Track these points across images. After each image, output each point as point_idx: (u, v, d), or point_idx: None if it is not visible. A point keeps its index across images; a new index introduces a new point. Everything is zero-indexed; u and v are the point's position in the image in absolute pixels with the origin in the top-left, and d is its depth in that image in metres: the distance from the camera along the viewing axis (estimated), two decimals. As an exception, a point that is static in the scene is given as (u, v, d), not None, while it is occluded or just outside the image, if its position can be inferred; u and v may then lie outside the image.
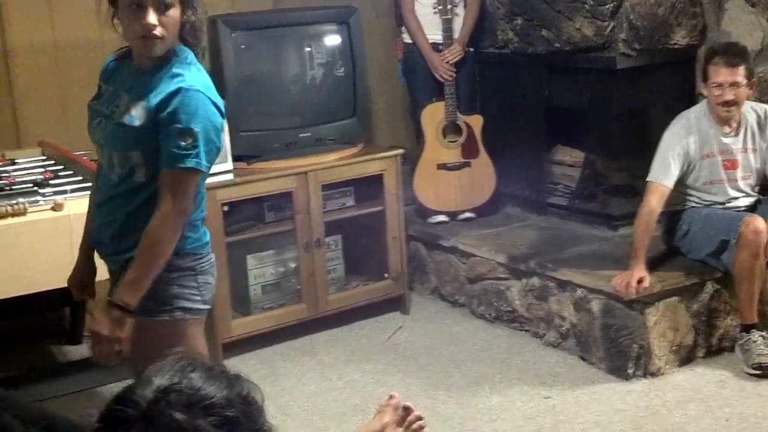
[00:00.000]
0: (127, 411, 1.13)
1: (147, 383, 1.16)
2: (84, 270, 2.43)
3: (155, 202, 2.14)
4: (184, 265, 2.20)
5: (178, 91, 2.13)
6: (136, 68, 2.27)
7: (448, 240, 4.39)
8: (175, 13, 2.17)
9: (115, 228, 2.23)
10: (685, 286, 3.65)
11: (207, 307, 2.27)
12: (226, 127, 3.82)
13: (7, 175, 3.19)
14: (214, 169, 3.76)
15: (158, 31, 2.14)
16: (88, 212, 2.42)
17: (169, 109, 2.13)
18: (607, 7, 4.05)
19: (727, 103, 3.58)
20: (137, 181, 2.19)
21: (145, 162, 2.17)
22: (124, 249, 2.20)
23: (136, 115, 2.18)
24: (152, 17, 2.12)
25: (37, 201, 2.81)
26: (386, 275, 4.28)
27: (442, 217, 4.58)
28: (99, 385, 3.40)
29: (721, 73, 3.55)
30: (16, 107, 3.99)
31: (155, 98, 2.15)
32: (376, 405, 1.90)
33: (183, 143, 2.11)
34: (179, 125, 2.12)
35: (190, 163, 2.12)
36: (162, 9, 2.14)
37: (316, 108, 4.18)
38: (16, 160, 3.49)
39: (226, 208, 3.83)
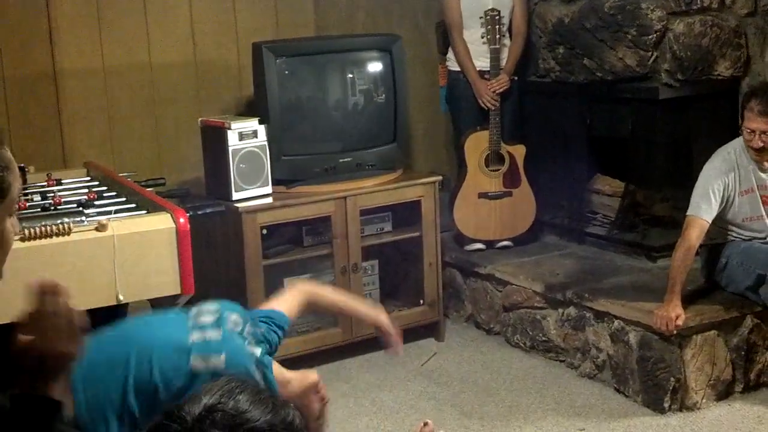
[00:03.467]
0: (172, 426, 1.17)
1: (196, 401, 1.19)
2: None
3: None
4: None
5: None
6: None
7: (484, 267, 4.39)
8: None
9: None
10: (724, 320, 3.61)
11: None
12: (267, 151, 3.88)
13: (53, 195, 3.25)
14: (254, 192, 3.87)
15: None
16: None
17: None
18: (650, 37, 4.05)
19: (757, 150, 3.55)
20: None
21: None
22: None
23: None
24: None
25: (82, 221, 2.85)
26: (422, 301, 4.28)
27: (479, 245, 4.58)
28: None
29: (754, 120, 3.51)
30: (63, 128, 4.08)
31: None
32: (407, 431, 1.91)
33: None
34: None
35: None
36: None
37: (357, 133, 4.22)
38: (62, 181, 3.56)
39: (264, 231, 3.88)
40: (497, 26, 4.40)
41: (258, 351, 2.10)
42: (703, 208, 3.56)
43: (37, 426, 1.40)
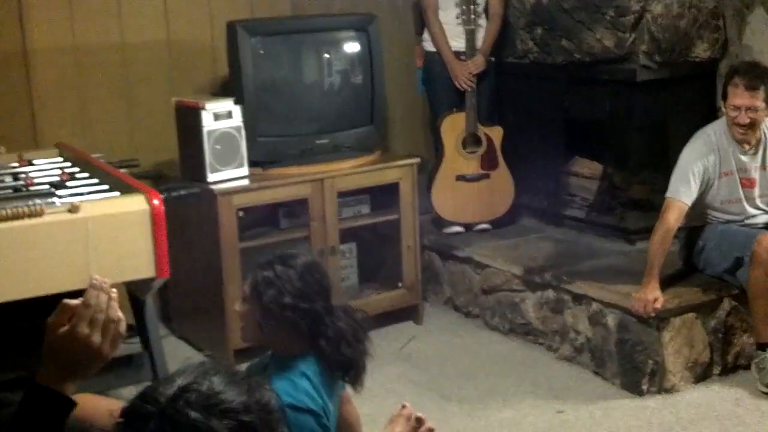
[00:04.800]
0: (146, 407, 1.17)
1: (169, 382, 1.19)
2: None
3: None
4: None
5: None
6: None
7: (462, 250, 4.37)
8: None
9: None
10: (702, 302, 3.62)
11: None
12: (242, 132, 3.83)
13: (24, 175, 3.18)
14: (230, 174, 3.81)
15: None
16: None
17: None
18: (628, 18, 4.03)
19: (743, 126, 3.54)
20: None
21: None
22: None
23: None
24: None
25: (54, 203, 2.80)
26: (400, 285, 4.26)
27: (457, 228, 4.57)
28: (114, 387, 3.39)
29: (739, 96, 3.50)
30: (35, 108, 4.00)
31: None
32: (386, 415, 1.89)
33: None
34: None
35: None
36: None
37: (334, 115, 4.18)
38: (34, 161, 3.50)
39: (241, 214, 3.83)
40: (471, 6, 4.36)
41: None
42: (682, 191, 3.56)
43: (49, 421, 1.40)
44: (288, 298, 2.20)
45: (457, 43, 4.50)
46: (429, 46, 4.61)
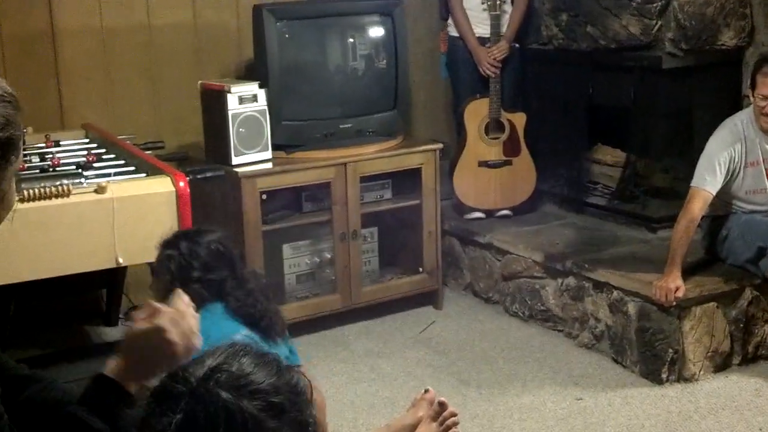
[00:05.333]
0: (176, 387, 1.17)
1: (200, 363, 1.20)
2: None
3: None
4: None
5: None
6: None
7: (483, 236, 4.38)
8: None
9: None
10: (724, 292, 3.61)
11: None
12: (267, 116, 3.85)
13: (51, 156, 3.22)
14: (254, 157, 3.84)
15: None
16: None
17: None
18: (654, 5, 4.00)
19: None
20: None
21: None
22: None
23: None
24: None
25: (81, 183, 2.84)
26: (420, 269, 4.27)
27: (478, 214, 4.57)
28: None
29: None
30: (62, 89, 4.03)
31: None
32: (406, 398, 1.90)
33: None
34: None
35: None
36: None
37: (358, 99, 4.18)
38: (60, 142, 3.53)
39: (264, 197, 3.85)
40: None
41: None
42: (707, 180, 3.53)
43: (108, 413, 1.42)
44: (196, 272, 2.38)
45: (482, 29, 4.48)
46: (453, 31, 4.60)
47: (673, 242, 3.53)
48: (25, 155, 3.23)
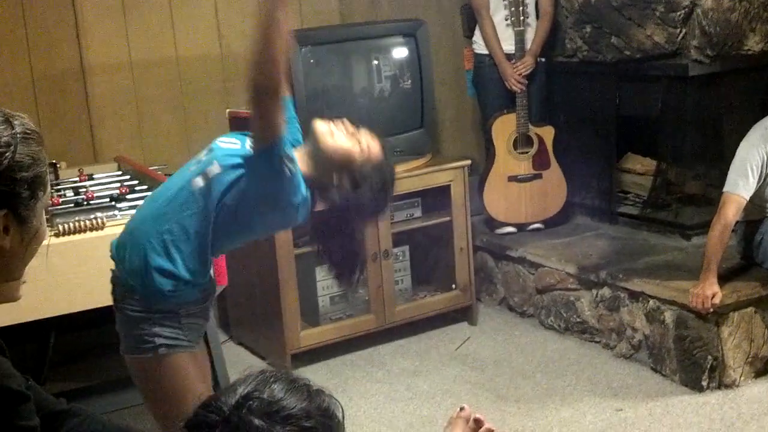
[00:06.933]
0: (210, 416, 1.19)
1: (231, 391, 1.22)
2: None
3: None
4: (165, 309, 2.18)
5: None
6: None
7: (516, 250, 4.37)
8: None
9: None
10: (761, 296, 3.57)
11: (190, 344, 2.22)
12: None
13: (85, 190, 3.28)
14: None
15: None
16: None
17: None
18: (678, 13, 4.00)
19: None
20: None
21: None
22: None
23: None
24: None
25: (115, 215, 2.89)
26: (454, 286, 4.28)
27: (510, 228, 4.57)
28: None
29: None
30: (93, 123, 4.11)
31: None
32: (443, 416, 1.91)
33: None
34: None
35: None
36: None
37: (384, 120, 4.20)
38: (94, 176, 3.60)
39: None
40: (521, 8, 4.37)
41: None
42: (740, 185, 3.50)
43: None
44: None
45: (507, 45, 4.49)
46: (479, 48, 4.62)
47: (708, 249, 3.50)
48: (59, 190, 3.31)
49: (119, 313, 2.22)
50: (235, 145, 2.25)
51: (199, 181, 2.18)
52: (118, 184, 3.38)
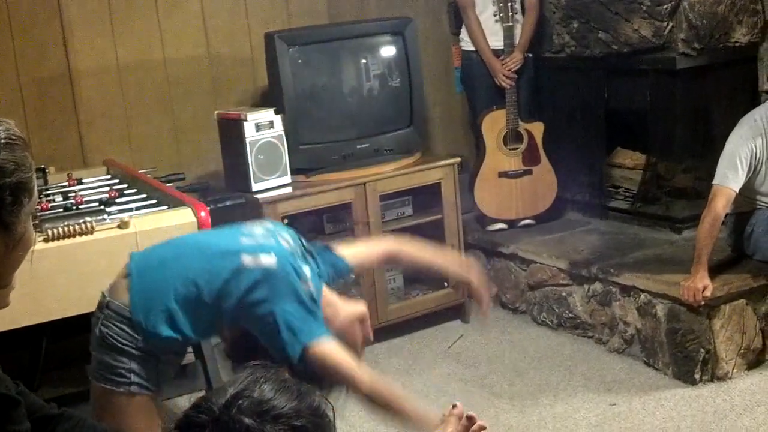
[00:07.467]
0: (201, 416, 1.19)
1: (221, 392, 1.22)
2: None
3: None
4: (150, 351, 2.21)
5: None
6: None
7: (507, 247, 4.38)
8: None
9: None
10: (752, 288, 3.58)
11: (156, 389, 2.27)
12: (284, 141, 3.89)
13: (74, 194, 3.27)
14: (274, 183, 3.87)
15: None
16: None
17: None
18: (665, 7, 4.00)
19: None
20: None
21: None
22: None
23: None
24: None
25: (104, 219, 2.88)
26: (446, 284, 4.28)
27: (501, 225, 4.57)
28: (170, 396, 3.46)
29: None
30: (81, 128, 4.10)
31: None
32: (437, 414, 1.91)
33: None
34: None
35: None
36: None
37: (374, 119, 4.21)
38: (83, 180, 3.59)
39: (286, 221, 3.88)
40: (509, 4, 4.37)
41: (307, 269, 2.22)
42: (729, 177, 3.51)
43: None
44: None
45: (495, 41, 4.49)
46: (466, 45, 4.62)
47: (699, 242, 3.51)
48: (48, 195, 3.30)
49: (100, 335, 2.22)
50: (291, 247, 2.25)
51: (248, 260, 2.17)
52: (107, 188, 3.38)
